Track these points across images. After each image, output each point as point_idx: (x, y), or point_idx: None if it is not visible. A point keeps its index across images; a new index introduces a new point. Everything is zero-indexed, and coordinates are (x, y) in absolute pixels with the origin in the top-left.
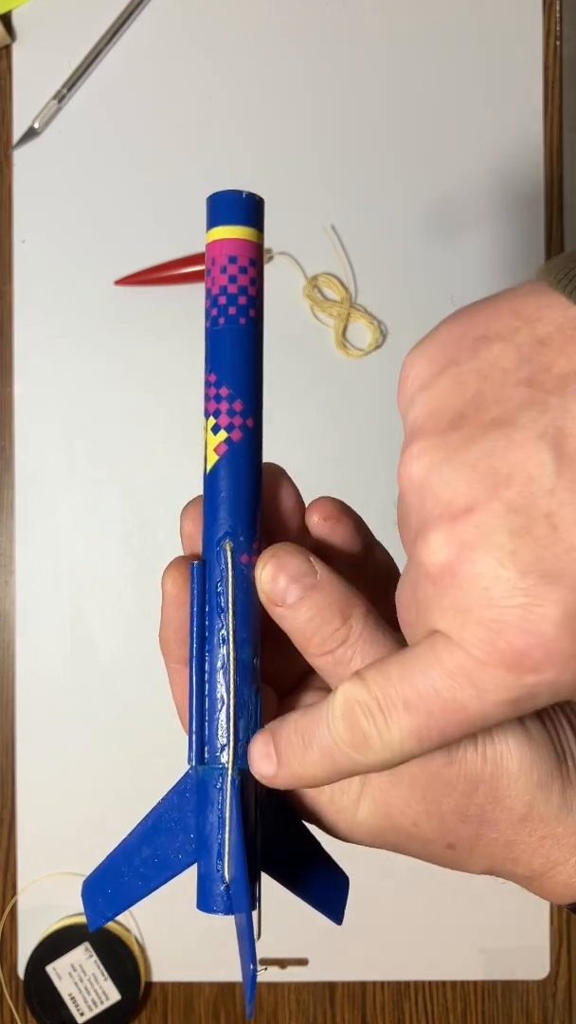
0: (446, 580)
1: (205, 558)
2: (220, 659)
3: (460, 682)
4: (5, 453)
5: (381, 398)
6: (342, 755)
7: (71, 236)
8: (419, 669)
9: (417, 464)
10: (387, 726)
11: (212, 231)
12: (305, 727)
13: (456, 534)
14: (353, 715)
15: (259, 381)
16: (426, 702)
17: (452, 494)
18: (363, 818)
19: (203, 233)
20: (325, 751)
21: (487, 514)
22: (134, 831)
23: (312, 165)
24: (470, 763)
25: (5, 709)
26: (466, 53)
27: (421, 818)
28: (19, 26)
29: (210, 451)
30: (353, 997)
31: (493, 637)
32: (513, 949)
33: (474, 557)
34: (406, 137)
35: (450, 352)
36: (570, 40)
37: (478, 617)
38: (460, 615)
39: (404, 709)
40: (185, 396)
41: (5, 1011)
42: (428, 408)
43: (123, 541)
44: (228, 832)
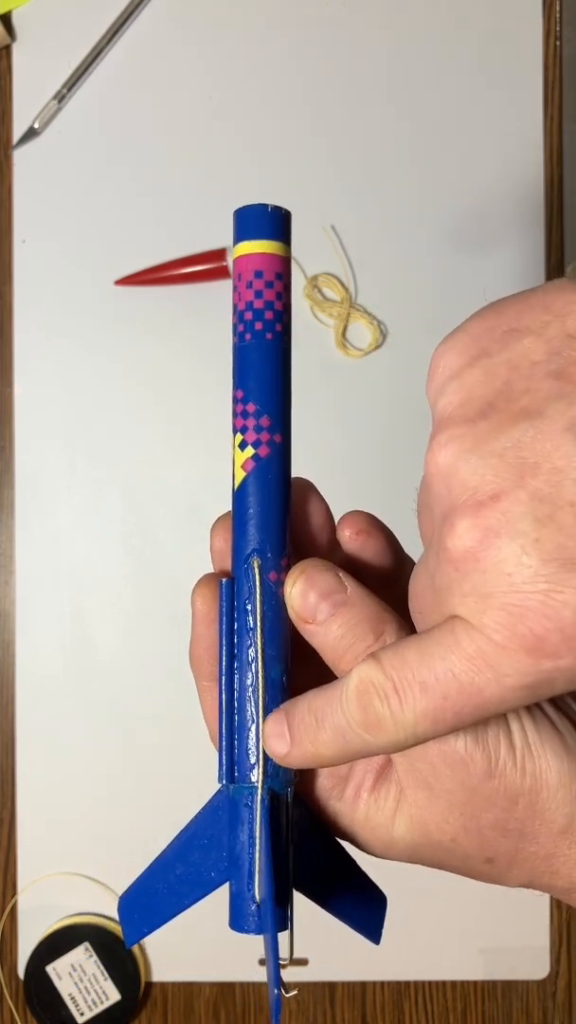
0: (469, 565)
1: (233, 575)
2: (249, 677)
3: (479, 665)
4: (5, 453)
5: (381, 398)
6: (354, 735)
7: (71, 236)
8: (437, 653)
9: (445, 452)
10: (401, 708)
11: (238, 246)
12: (319, 707)
13: (481, 520)
14: (367, 696)
15: (287, 396)
16: (443, 685)
17: (479, 481)
18: (400, 835)
19: (203, 232)
20: (337, 731)
21: (513, 502)
22: (168, 847)
23: (312, 165)
24: (509, 777)
25: (5, 709)
26: (466, 53)
27: (460, 834)
28: (19, 26)
29: (237, 467)
30: (353, 997)
31: (513, 622)
32: (513, 949)
33: (498, 543)
34: (406, 137)
35: (481, 343)
36: (570, 40)
37: (499, 602)
38: (481, 600)
39: (420, 691)
40: (185, 396)
41: (5, 1011)
42: (458, 397)
43: (123, 541)
44: (258, 852)
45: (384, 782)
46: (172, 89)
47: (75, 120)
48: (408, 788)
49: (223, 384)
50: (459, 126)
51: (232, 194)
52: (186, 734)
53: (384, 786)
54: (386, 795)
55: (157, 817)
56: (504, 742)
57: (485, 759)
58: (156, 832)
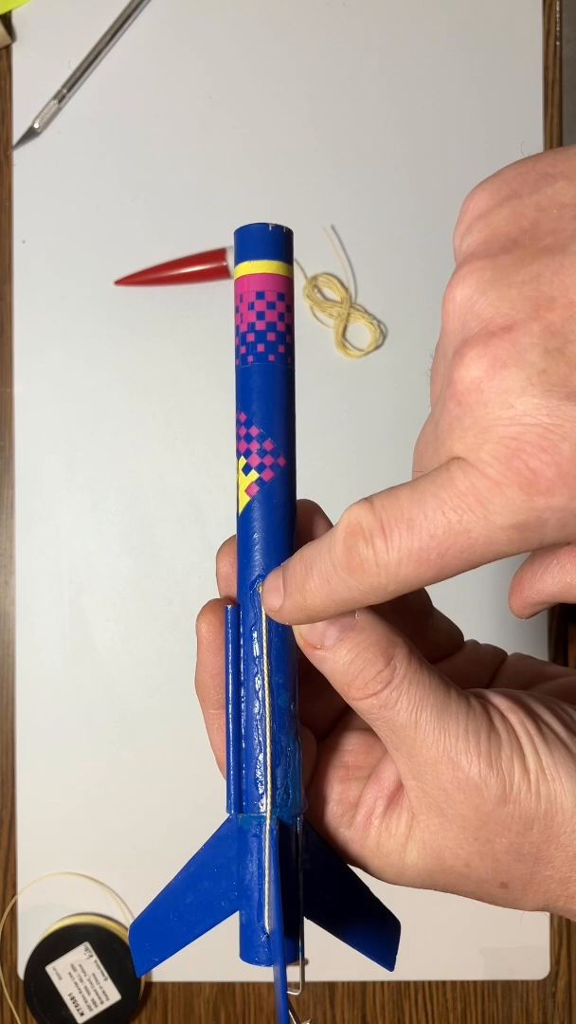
0: (473, 396)
1: (239, 601)
2: (256, 706)
3: (469, 502)
4: (5, 453)
5: (381, 398)
6: (339, 580)
7: (71, 236)
8: (430, 491)
9: (463, 285)
10: (386, 548)
11: (239, 266)
12: (310, 555)
13: (491, 349)
14: (353, 537)
15: (291, 418)
16: (431, 522)
17: (494, 312)
18: (412, 861)
19: (203, 232)
20: (324, 577)
21: (524, 333)
22: (178, 876)
23: (312, 165)
24: (524, 802)
25: (5, 709)
26: (466, 53)
27: (474, 859)
28: (19, 26)
29: (241, 492)
30: (353, 997)
31: (509, 455)
32: (513, 949)
33: (504, 373)
34: (406, 137)
35: (513, 186)
36: (570, 40)
37: (498, 434)
38: (481, 433)
39: (407, 529)
40: (185, 396)
41: (5, 1011)
42: (483, 236)
43: (123, 541)
44: (267, 882)
45: (395, 808)
46: (172, 89)
47: (75, 120)
48: (420, 814)
49: (223, 384)
50: (459, 126)
51: (232, 194)
52: (186, 734)
53: (395, 812)
54: (398, 821)
55: (157, 817)
56: (518, 766)
57: (499, 784)
58: (156, 832)
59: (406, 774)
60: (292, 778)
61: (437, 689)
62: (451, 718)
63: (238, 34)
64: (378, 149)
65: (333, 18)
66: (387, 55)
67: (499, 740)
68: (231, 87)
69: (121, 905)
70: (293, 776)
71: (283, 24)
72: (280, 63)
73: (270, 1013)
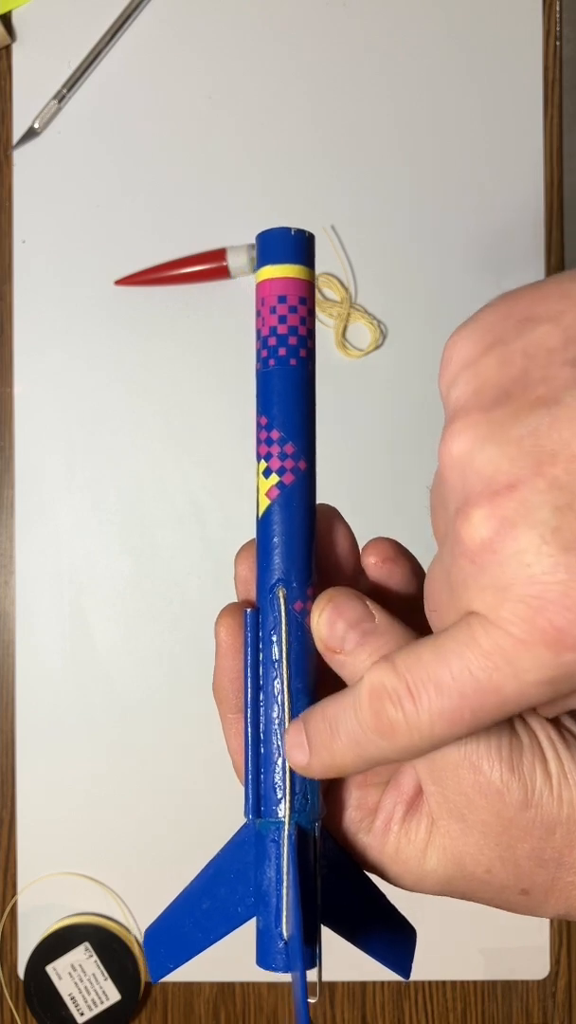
0: (486, 557)
1: (258, 605)
2: (275, 711)
3: (496, 662)
4: (5, 453)
5: (381, 399)
6: (369, 742)
7: (71, 236)
8: (454, 650)
9: (459, 441)
10: (416, 711)
11: (260, 271)
12: (333, 714)
13: (498, 510)
14: (380, 702)
15: (311, 422)
16: (459, 683)
17: (495, 470)
18: (432, 868)
19: (203, 232)
20: (352, 738)
21: (530, 490)
22: (195, 881)
23: (312, 165)
24: (546, 807)
25: (5, 709)
26: (466, 53)
27: (495, 865)
28: (19, 26)
29: (262, 495)
30: (353, 997)
31: (533, 615)
32: (513, 949)
33: (516, 534)
34: (406, 137)
35: (496, 332)
36: (570, 40)
37: (518, 594)
38: (499, 592)
39: (435, 691)
40: (185, 396)
41: (5, 1011)
42: (472, 387)
43: (123, 541)
44: (285, 888)
45: (415, 814)
46: (172, 89)
47: (75, 120)
48: (441, 819)
49: (223, 384)
50: (459, 126)
51: (232, 194)
52: (186, 734)
53: (415, 818)
54: (417, 827)
55: (157, 817)
56: (540, 771)
57: (521, 789)
58: (156, 832)
59: (426, 779)
60: (310, 783)
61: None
62: None
63: (238, 34)
64: (378, 149)
65: (333, 18)
66: (387, 55)
67: (520, 745)
68: (231, 87)
69: (121, 905)
70: (311, 782)
71: (283, 24)
72: (280, 63)
73: (270, 1013)
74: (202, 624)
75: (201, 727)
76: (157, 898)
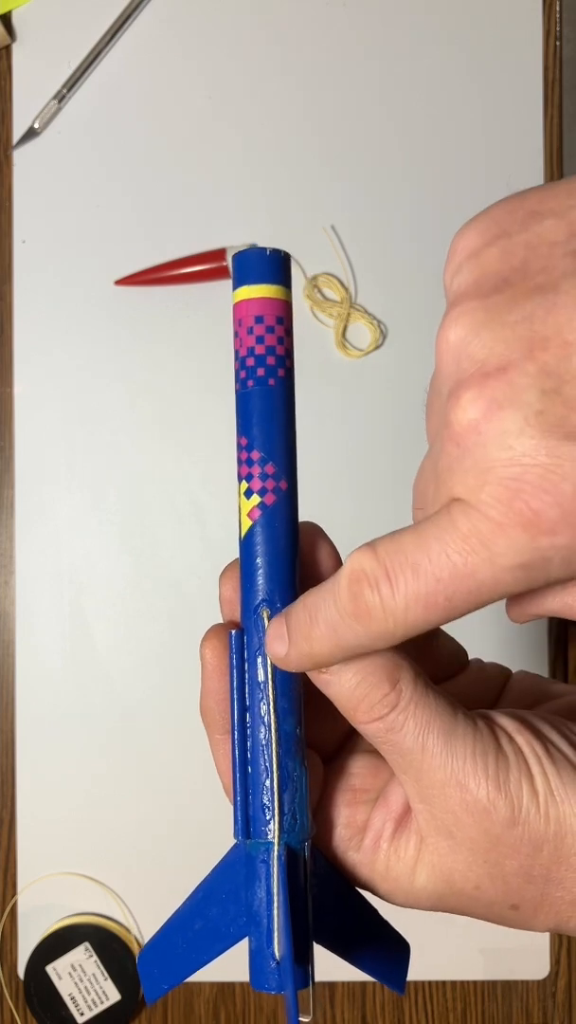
0: (471, 438)
1: (243, 626)
2: (262, 731)
3: (473, 545)
4: (5, 453)
5: (381, 398)
6: (346, 628)
7: (71, 236)
8: (434, 535)
9: (456, 327)
10: (392, 594)
11: (237, 291)
12: (313, 602)
13: (487, 391)
14: (358, 585)
15: (292, 441)
16: (436, 567)
17: (488, 353)
18: (422, 884)
19: (203, 232)
20: (330, 625)
21: (520, 373)
22: (186, 902)
23: (312, 165)
24: (533, 824)
25: (5, 709)
26: (466, 53)
27: (484, 881)
28: (19, 26)
29: (243, 516)
30: (353, 997)
31: (511, 496)
32: (513, 949)
33: (501, 415)
34: (406, 137)
35: (502, 224)
36: (570, 40)
37: (498, 476)
38: (480, 475)
39: (412, 574)
40: (185, 396)
41: (5, 1011)
42: (473, 275)
43: (123, 541)
44: (276, 908)
45: (404, 831)
46: (172, 89)
47: (75, 120)
48: (429, 837)
49: (223, 384)
50: (459, 126)
51: (232, 194)
52: (186, 734)
53: (404, 835)
54: (406, 844)
55: (157, 817)
56: (527, 788)
57: (508, 806)
58: (156, 832)
59: (414, 797)
60: (299, 803)
61: (444, 711)
62: (458, 741)
63: (238, 34)
64: (378, 149)
65: (333, 18)
66: (387, 55)
67: (507, 762)
68: (231, 87)
69: (121, 905)
70: (300, 801)
71: (283, 24)
72: (280, 63)
73: (270, 1013)
74: (202, 624)
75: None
76: (157, 898)
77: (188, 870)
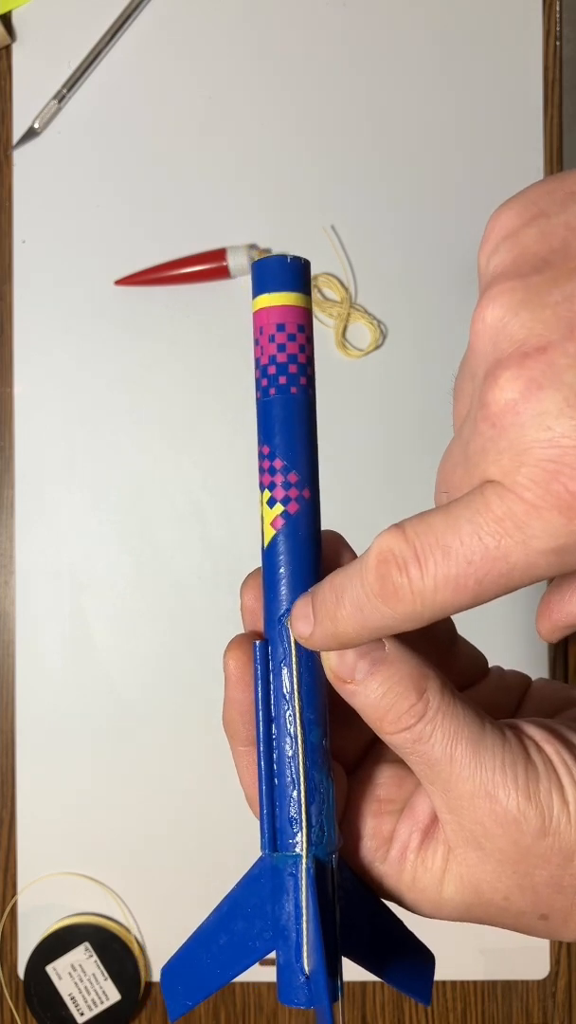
0: (508, 419)
1: (267, 636)
2: (288, 743)
3: (507, 527)
4: (5, 453)
5: (381, 399)
6: (372, 608)
7: (71, 236)
8: (464, 516)
9: (494, 306)
10: (421, 576)
11: (257, 299)
12: (340, 583)
13: (526, 371)
14: (386, 566)
15: (314, 450)
16: (468, 549)
17: (527, 333)
18: (449, 896)
19: (203, 232)
20: (356, 605)
21: (560, 354)
22: (211, 916)
23: (312, 165)
24: (563, 834)
25: (5, 709)
26: (466, 53)
27: (513, 892)
28: (19, 26)
29: (266, 525)
30: (353, 997)
31: (548, 479)
32: (513, 949)
33: (541, 395)
34: (406, 137)
35: (540, 205)
36: (570, 40)
37: (535, 457)
38: (517, 456)
39: (442, 556)
40: (185, 396)
41: (5, 1011)
42: (512, 255)
43: (123, 541)
44: (306, 922)
45: (431, 841)
46: (172, 89)
47: (75, 120)
48: (457, 847)
49: (223, 384)
50: (459, 126)
51: (232, 194)
52: (186, 734)
53: (431, 846)
54: (434, 855)
55: (157, 817)
56: (557, 797)
57: (538, 817)
58: (156, 832)
59: (442, 808)
60: (327, 815)
61: (471, 721)
62: (487, 751)
63: (238, 34)
64: (378, 149)
65: (333, 18)
66: (387, 55)
67: (536, 772)
68: (231, 87)
69: (121, 905)
70: (327, 813)
71: (283, 24)
72: (280, 63)
73: (270, 1013)
74: (202, 624)
75: (201, 727)
76: (157, 898)
77: (188, 870)
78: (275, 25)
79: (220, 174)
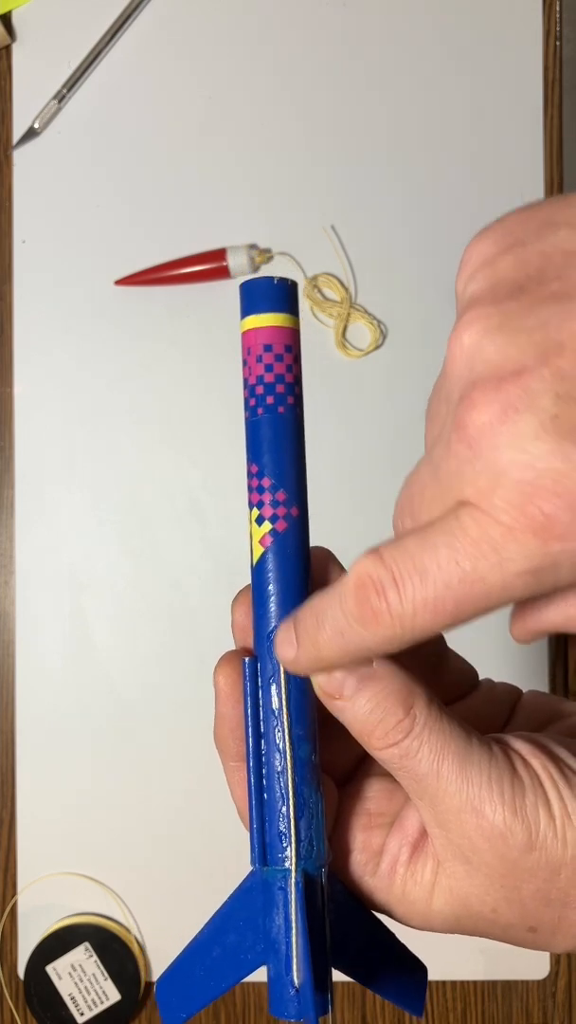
0: (485, 440)
1: (256, 653)
2: (277, 758)
3: (483, 550)
4: (5, 453)
5: (381, 398)
6: (352, 632)
7: (71, 236)
8: (441, 540)
9: (470, 331)
10: (399, 600)
11: (245, 320)
12: (320, 607)
13: (502, 394)
14: (364, 591)
15: (302, 468)
16: (445, 573)
17: (503, 358)
18: (439, 908)
19: (203, 232)
20: (336, 629)
21: (535, 378)
22: (204, 929)
23: (312, 165)
24: (550, 848)
25: (5, 709)
26: (466, 53)
27: (501, 905)
28: (19, 26)
29: (255, 543)
30: (353, 997)
31: (523, 501)
32: (513, 949)
33: (516, 418)
34: (406, 137)
35: (516, 233)
36: (570, 40)
37: (512, 479)
38: (493, 478)
39: (420, 580)
40: (185, 396)
41: (5, 1011)
42: (488, 282)
43: (123, 541)
44: (295, 936)
45: (420, 855)
46: (172, 89)
47: (75, 120)
48: (446, 861)
49: (223, 384)
50: (459, 125)
51: (232, 194)
52: (185, 734)
53: (420, 859)
54: (423, 869)
55: (157, 817)
56: (543, 812)
57: (525, 831)
58: (156, 832)
59: (430, 822)
60: (316, 829)
61: (458, 737)
62: (473, 766)
63: (238, 34)
64: (378, 149)
65: (332, 18)
66: (386, 55)
67: (523, 787)
68: (231, 87)
69: (121, 905)
70: (316, 827)
71: (282, 24)
72: (280, 63)
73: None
74: (202, 624)
75: (201, 727)
76: (157, 898)
77: (188, 870)
78: (275, 25)
79: (220, 174)
